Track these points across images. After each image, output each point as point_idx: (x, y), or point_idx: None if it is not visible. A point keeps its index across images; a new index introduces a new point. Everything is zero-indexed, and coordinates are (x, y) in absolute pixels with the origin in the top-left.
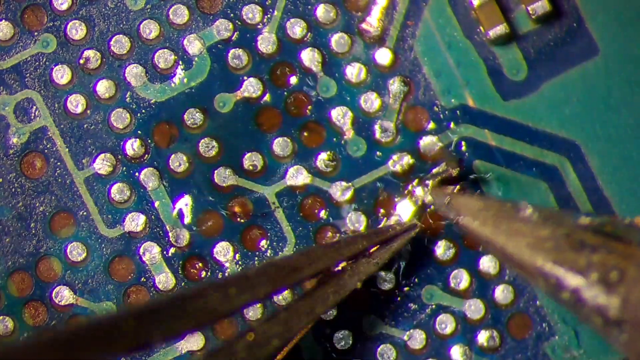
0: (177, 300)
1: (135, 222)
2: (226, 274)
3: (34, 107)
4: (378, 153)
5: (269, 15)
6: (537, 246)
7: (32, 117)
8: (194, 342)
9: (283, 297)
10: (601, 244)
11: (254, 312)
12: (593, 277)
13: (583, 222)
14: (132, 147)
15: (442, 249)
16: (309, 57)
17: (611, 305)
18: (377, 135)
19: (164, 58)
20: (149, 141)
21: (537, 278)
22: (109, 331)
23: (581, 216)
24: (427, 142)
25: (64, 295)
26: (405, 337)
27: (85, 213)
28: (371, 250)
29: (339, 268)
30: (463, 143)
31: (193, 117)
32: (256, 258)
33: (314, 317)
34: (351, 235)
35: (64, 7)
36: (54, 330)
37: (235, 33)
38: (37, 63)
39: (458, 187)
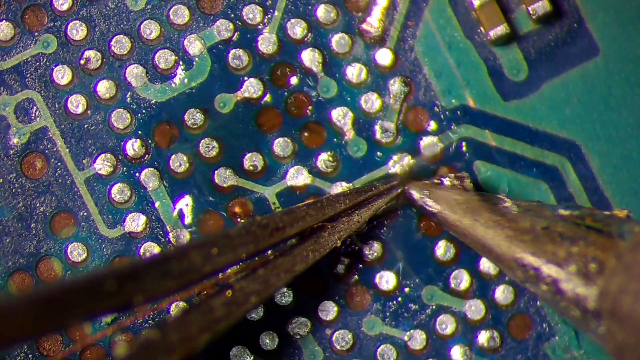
0: (159, 260)
1: (136, 222)
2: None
3: (35, 107)
4: (379, 153)
5: (269, 16)
6: (516, 238)
7: (33, 118)
8: None
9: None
10: (580, 235)
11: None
12: (572, 269)
13: (562, 214)
14: (133, 147)
15: (443, 249)
16: (310, 58)
17: (590, 296)
18: (378, 135)
19: (164, 58)
20: (150, 141)
21: (516, 270)
22: (89, 291)
23: (560, 208)
24: (428, 142)
25: None
26: (406, 338)
27: (85, 213)
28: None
29: (319, 226)
30: (463, 144)
31: (193, 117)
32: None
33: (293, 275)
34: (334, 194)
35: (65, 7)
36: (34, 290)
37: (236, 33)
38: (37, 63)
39: (436, 180)
